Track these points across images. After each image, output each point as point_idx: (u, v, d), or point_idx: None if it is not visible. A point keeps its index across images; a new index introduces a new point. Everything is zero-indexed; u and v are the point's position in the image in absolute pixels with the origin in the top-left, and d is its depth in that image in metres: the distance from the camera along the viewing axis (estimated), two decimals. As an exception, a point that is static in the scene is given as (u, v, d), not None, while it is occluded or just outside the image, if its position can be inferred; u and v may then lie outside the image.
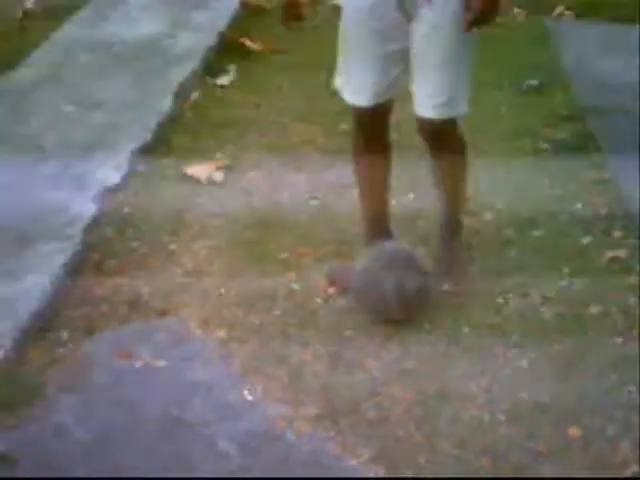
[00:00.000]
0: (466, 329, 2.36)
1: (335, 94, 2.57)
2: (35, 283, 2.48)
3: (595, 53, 4.32)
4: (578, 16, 4.94)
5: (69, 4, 5.02)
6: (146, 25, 4.69)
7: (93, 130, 3.45)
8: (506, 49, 4.43)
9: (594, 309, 2.42)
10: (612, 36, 4.54)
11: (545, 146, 3.37)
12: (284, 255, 2.70)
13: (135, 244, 2.76)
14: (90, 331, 2.38)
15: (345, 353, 2.29)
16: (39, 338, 2.33)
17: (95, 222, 2.82)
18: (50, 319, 2.40)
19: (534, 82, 3.92)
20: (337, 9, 5.08)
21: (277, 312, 2.45)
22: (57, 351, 2.29)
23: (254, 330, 2.38)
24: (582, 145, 3.35)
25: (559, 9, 5.00)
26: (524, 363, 2.23)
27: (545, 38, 4.57)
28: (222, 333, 2.36)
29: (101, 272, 2.61)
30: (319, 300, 2.49)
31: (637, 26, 4.65)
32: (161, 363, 2.24)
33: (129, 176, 3.12)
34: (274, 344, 2.32)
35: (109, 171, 3.11)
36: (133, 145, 3.31)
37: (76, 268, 2.61)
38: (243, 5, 5.12)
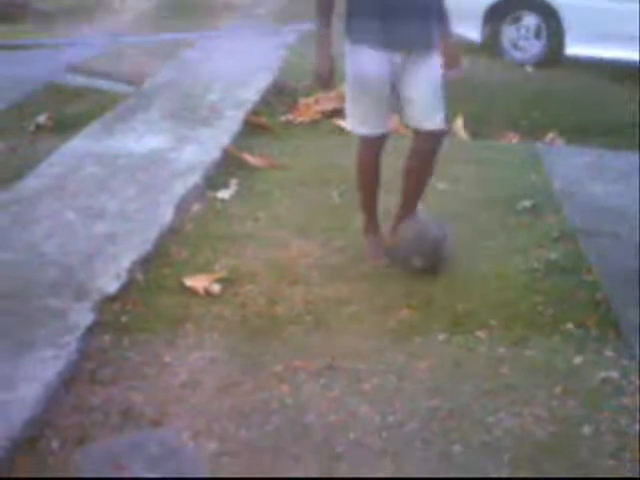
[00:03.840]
0: (458, 447, 2.36)
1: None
2: (29, 390, 2.48)
3: (585, 177, 4.45)
4: (568, 142, 5.11)
5: (79, 119, 5.21)
6: (152, 139, 4.85)
7: (95, 239, 3.52)
8: (500, 171, 4.57)
9: (586, 430, 2.42)
10: (601, 162, 4.69)
11: (537, 266, 3.43)
12: (278, 368, 2.71)
13: (131, 354, 2.77)
14: (81, 441, 2.37)
15: (337, 469, 2.28)
16: (29, 447, 2.32)
17: (92, 331, 2.84)
18: (41, 427, 2.39)
19: (527, 203, 4.02)
20: (338, 129, 5.32)
21: (270, 427, 2.44)
22: (46, 461, 2.27)
23: (246, 444, 2.37)
24: (573, 266, 3.42)
25: (550, 135, 5.18)
26: (516, 485, 2.22)
27: (537, 162, 4.71)
28: (213, 446, 2.35)
29: (95, 381, 2.62)
30: (312, 415, 2.49)
31: (624, 152, 4.83)
32: (151, 476, 2.23)
33: (128, 286, 3.16)
34: (265, 459, 2.31)
35: (108, 280, 3.16)
36: (133, 255, 3.37)
37: (71, 376, 2.61)
38: (246, 123, 5.30)
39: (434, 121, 3.27)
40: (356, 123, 3.40)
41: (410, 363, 2.76)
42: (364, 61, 3.21)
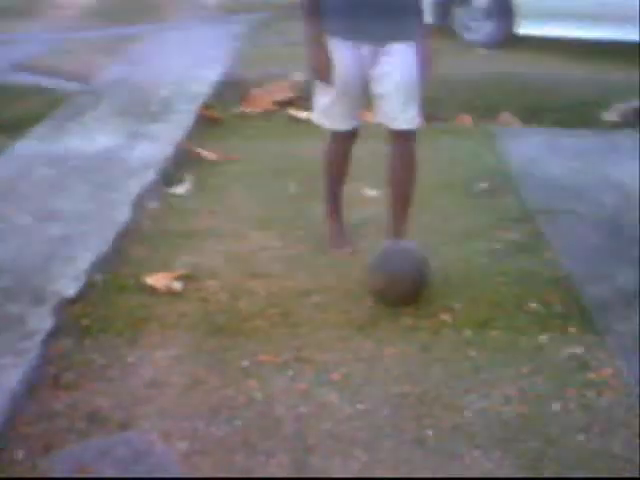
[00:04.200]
0: (430, 432, 2.36)
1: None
2: (-10, 400, 2.43)
3: (540, 157, 4.48)
4: (522, 122, 5.14)
5: (27, 119, 5.09)
6: (103, 137, 4.76)
7: (50, 242, 3.44)
8: (455, 153, 4.59)
9: (555, 406, 2.44)
10: (555, 141, 4.73)
11: (498, 247, 3.44)
12: (245, 363, 2.68)
13: (94, 356, 2.71)
14: (47, 449, 2.31)
15: (310, 461, 2.26)
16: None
17: (53, 335, 2.78)
18: (5, 437, 2.33)
19: (484, 185, 4.04)
20: (293, 119, 5.30)
21: (240, 422, 2.41)
22: (12, 471, 2.22)
23: (217, 442, 2.34)
24: (533, 245, 3.44)
25: (504, 115, 5.20)
26: (489, 464, 2.22)
27: (492, 143, 4.73)
28: (184, 446, 2.32)
29: (59, 386, 2.56)
30: (282, 408, 2.47)
31: (577, 131, 4.88)
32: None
33: (87, 288, 3.10)
34: (237, 456, 2.28)
35: (66, 283, 3.09)
36: (91, 256, 3.31)
37: (33, 383, 2.55)
38: (199, 116, 5.24)
39: (405, 118, 3.15)
40: (322, 116, 3.30)
41: (377, 350, 2.75)
42: (330, 51, 3.12)
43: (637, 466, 2.19)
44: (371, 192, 4.02)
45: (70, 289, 3.05)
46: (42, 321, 2.83)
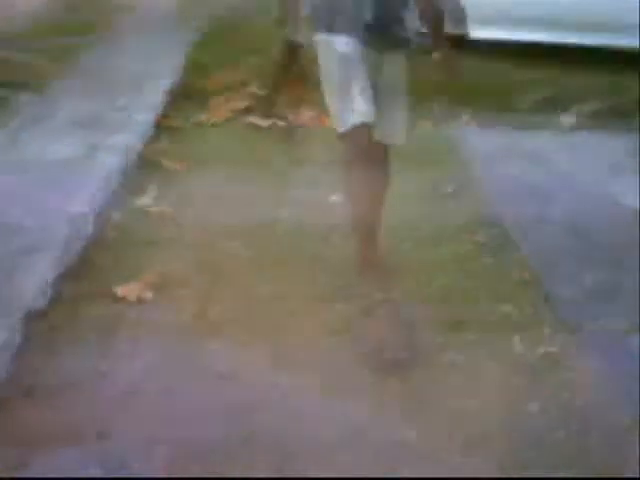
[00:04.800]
0: (412, 434, 2.36)
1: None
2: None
3: (502, 159, 4.54)
4: (481, 125, 5.20)
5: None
6: (62, 148, 4.67)
7: (14, 255, 3.37)
8: (417, 159, 4.59)
9: (533, 406, 2.47)
10: (515, 142, 4.79)
11: (466, 249, 3.47)
12: (221, 369, 2.66)
13: (67, 368, 2.66)
14: (24, 462, 2.26)
15: (292, 468, 2.24)
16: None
17: (23, 349, 2.72)
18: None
19: (449, 189, 4.07)
20: (253, 127, 5.26)
21: (219, 429, 2.39)
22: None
23: (196, 450, 2.31)
24: (501, 247, 3.48)
25: (463, 118, 5.26)
26: (472, 466, 2.23)
27: (454, 147, 4.78)
28: (164, 454, 2.29)
29: (33, 400, 2.50)
30: (261, 414, 2.45)
31: (536, 132, 4.96)
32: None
33: (56, 300, 3.04)
34: (217, 462, 2.26)
35: (34, 296, 3.03)
36: (57, 267, 3.24)
37: (5, 398, 2.50)
38: (158, 126, 5.19)
39: (399, 134, 3.14)
40: (345, 116, 2.97)
41: (353, 355, 2.75)
42: (336, 42, 2.98)
43: (616, 463, 2.23)
44: (336, 198, 4.03)
45: (39, 302, 2.99)
46: (11, 335, 2.77)
